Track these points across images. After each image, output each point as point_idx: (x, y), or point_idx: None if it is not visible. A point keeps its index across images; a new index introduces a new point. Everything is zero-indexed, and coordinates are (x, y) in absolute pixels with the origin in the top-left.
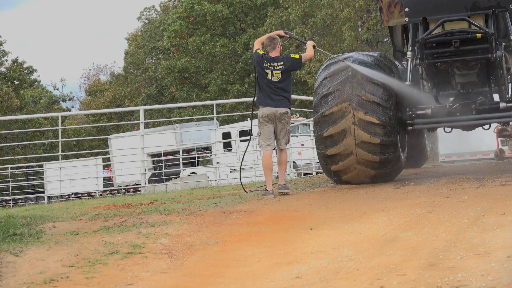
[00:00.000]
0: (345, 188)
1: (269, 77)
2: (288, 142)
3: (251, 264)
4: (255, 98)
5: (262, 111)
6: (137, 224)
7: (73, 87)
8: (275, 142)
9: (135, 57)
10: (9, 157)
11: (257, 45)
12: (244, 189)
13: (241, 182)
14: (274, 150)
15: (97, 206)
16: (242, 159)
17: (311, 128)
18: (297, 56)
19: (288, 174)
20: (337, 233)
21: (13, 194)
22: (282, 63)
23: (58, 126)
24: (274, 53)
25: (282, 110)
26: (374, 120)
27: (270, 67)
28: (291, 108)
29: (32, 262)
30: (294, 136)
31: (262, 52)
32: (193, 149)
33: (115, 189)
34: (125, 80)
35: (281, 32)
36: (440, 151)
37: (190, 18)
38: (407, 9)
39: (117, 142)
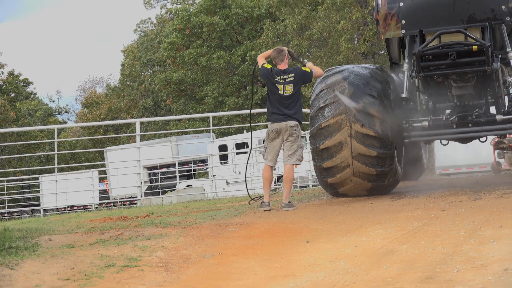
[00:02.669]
0: (341, 201)
1: (280, 91)
2: (301, 159)
3: (248, 277)
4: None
5: (272, 126)
6: (133, 237)
7: (69, 99)
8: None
9: (131, 70)
10: (4, 170)
11: (261, 60)
12: (250, 197)
13: (247, 191)
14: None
15: (93, 219)
16: (246, 170)
17: (308, 141)
18: (308, 69)
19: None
20: (334, 246)
21: (9, 207)
22: (293, 74)
23: (54, 138)
24: (283, 65)
25: (291, 123)
26: (370, 132)
27: (281, 81)
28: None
29: (28, 275)
30: None
31: (269, 66)
32: (189, 162)
33: (111, 202)
34: (121, 92)
35: (285, 48)
36: (437, 163)
37: (186, 30)
38: (403, 22)
39: (113, 155)
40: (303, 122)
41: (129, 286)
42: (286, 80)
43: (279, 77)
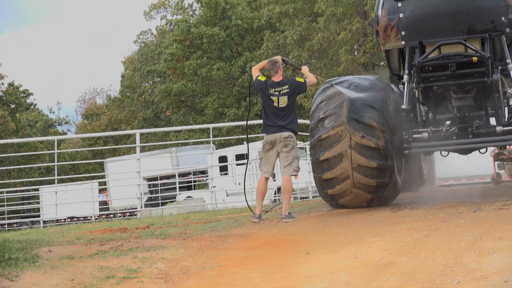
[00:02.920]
0: (341, 212)
1: (275, 104)
2: (297, 169)
3: None
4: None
5: (267, 138)
6: (133, 248)
7: (69, 110)
8: (279, 168)
9: (132, 81)
10: (4, 181)
11: (255, 72)
12: (250, 210)
13: (247, 203)
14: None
15: (93, 230)
16: (244, 182)
17: (308, 152)
18: (302, 80)
19: None
20: (334, 258)
21: (9, 218)
22: (287, 86)
23: (54, 149)
24: (277, 77)
25: (285, 134)
26: (370, 144)
27: (276, 93)
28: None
29: (28, 286)
30: None
31: (263, 78)
32: (189, 173)
33: (111, 213)
34: (121, 103)
35: (279, 58)
36: (437, 175)
37: (186, 41)
38: (403, 33)
39: (113, 166)
40: (303, 133)
41: None
42: (281, 92)
43: (273, 89)
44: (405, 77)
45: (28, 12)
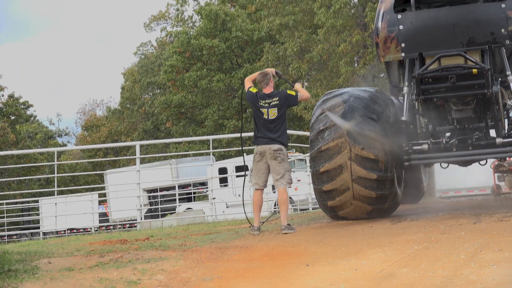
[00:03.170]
0: (341, 224)
1: (265, 116)
2: (290, 181)
3: None
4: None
5: (257, 149)
6: (132, 260)
7: (69, 122)
8: (271, 180)
9: (132, 92)
10: (4, 193)
11: (248, 83)
12: (249, 222)
13: (246, 215)
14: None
15: (92, 242)
16: (242, 194)
17: (308, 164)
18: (293, 92)
19: None
20: (334, 269)
21: (8, 230)
22: (277, 98)
23: (54, 161)
24: (268, 89)
25: (275, 146)
26: (370, 155)
27: (266, 105)
28: (289, 143)
29: None
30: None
31: (254, 90)
32: (189, 185)
33: (111, 225)
34: (121, 115)
35: (273, 71)
36: (437, 186)
37: (186, 53)
38: (403, 45)
39: (113, 178)
40: (302, 145)
41: None
42: (271, 104)
43: (263, 101)
44: (405, 89)
45: (29, 24)
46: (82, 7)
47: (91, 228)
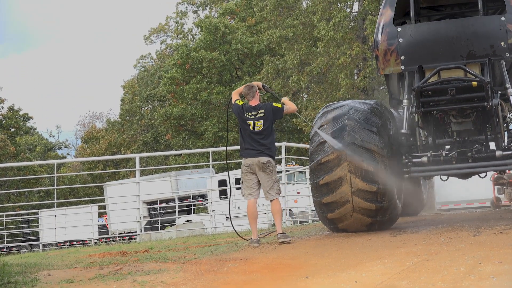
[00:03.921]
0: (341, 236)
1: (251, 128)
2: (279, 192)
3: None
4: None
5: (245, 161)
6: (132, 272)
7: (69, 134)
8: (261, 191)
9: (131, 105)
10: (4, 205)
11: (235, 96)
12: (239, 235)
13: (234, 229)
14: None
15: (92, 254)
16: (229, 208)
17: (307, 176)
18: (279, 105)
19: (284, 222)
20: (334, 282)
21: (8, 242)
22: (263, 110)
23: (54, 173)
24: (254, 102)
25: (264, 159)
26: (370, 168)
27: (251, 117)
28: (286, 156)
29: None
30: (290, 183)
31: (241, 102)
32: (188, 197)
33: (111, 237)
34: (121, 127)
35: (259, 84)
36: (437, 199)
37: (186, 66)
38: (403, 57)
39: (113, 190)
40: (302, 157)
41: None
42: (256, 116)
43: (249, 113)
44: (405, 102)
45: (29, 37)
46: (82, 19)
47: (90, 240)
